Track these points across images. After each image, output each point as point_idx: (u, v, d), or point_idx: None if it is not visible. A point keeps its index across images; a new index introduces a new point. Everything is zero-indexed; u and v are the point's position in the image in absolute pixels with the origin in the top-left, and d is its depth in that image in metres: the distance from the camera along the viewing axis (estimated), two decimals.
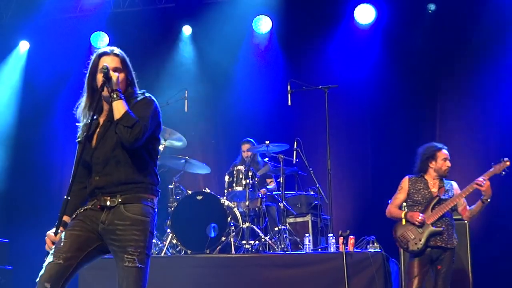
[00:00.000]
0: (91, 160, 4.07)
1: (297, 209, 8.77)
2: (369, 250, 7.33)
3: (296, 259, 7.39)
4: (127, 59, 4.24)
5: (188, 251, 7.93)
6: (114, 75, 4.03)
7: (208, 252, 7.82)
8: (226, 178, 8.53)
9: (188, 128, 9.95)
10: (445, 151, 6.91)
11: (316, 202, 8.76)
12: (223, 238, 7.91)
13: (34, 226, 10.04)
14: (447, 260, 6.67)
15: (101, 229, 3.99)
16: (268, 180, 9.37)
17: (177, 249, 8.21)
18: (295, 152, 8.67)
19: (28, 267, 9.74)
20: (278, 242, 7.92)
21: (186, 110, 9.26)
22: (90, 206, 4.06)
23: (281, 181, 8.45)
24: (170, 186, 8.78)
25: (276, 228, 8.20)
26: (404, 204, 6.94)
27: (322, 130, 8.54)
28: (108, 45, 11.29)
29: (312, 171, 8.74)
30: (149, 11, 11.13)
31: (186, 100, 9.24)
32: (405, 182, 6.91)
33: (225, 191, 8.49)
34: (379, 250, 7.24)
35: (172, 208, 8.25)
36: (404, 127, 9.92)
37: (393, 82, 10.25)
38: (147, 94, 4.22)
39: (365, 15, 10.45)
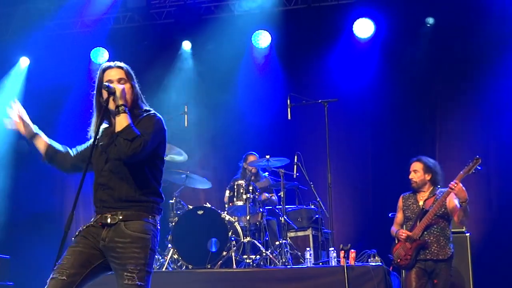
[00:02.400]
0: (96, 171, 4.10)
1: (298, 223, 8.78)
2: (370, 263, 7.34)
3: (297, 273, 7.38)
4: (132, 72, 4.25)
5: (189, 266, 7.92)
6: (118, 89, 4.03)
7: (209, 267, 7.81)
8: (227, 192, 8.55)
9: (188, 143, 9.97)
10: (412, 164, 7.05)
11: (317, 216, 8.77)
12: (224, 253, 7.90)
13: (35, 242, 10.08)
14: (443, 274, 6.72)
15: (102, 246, 3.98)
16: (269, 195, 9.37)
17: (178, 264, 8.20)
18: (295, 166, 8.69)
19: (29, 283, 9.78)
20: (279, 256, 7.92)
21: (186, 125, 9.28)
22: (92, 223, 4.06)
23: (282, 195, 8.46)
24: (171, 201, 8.78)
25: (277, 242, 8.20)
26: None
27: (322, 144, 8.56)
28: (108, 61, 11.32)
29: (312, 185, 8.75)
30: (149, 26, 11.17)
31: (186, 115, 9.25)
32: (400, 201, 7.18)
33: (226, 205, 8.50)
34: (380, 264, 7.25)
35: (173, 223, 8.26)
36: (404, 140, 9.94)
37: (392, 95, 10.28)
38: (152, 111, 4.21)
39: (364, 29, 10.48)
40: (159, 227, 4.13)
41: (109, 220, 3.99)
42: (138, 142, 3.90)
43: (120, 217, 3.97)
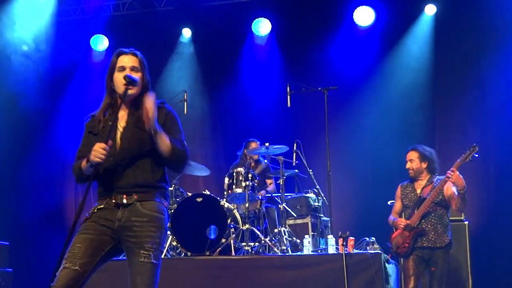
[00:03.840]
0: (112, 160, 4.11)
1: (297, 211, 8.78)
2: (369, 251, 7.35)
3: (296, 260, 7.40)
4: (145, 61, 4.33)
5: (188, 253, 7.93)
6: (151, 108, 4.01)
7: (208, 254, 7.82)
8: (226, 180, 8.53)
9: (188, 130, 9.93)
10: (408, 153, 7.07)
11: (316, 203, 8.77)
12: (223, 240, 7.90)
13: (35, 228, 10.09)
14: (440, 261, 6.75)
15: (117, 226, 4.03)
16: (268, 182, 9.38)
17: (177, 251, 8.21)
18: (294, 154, 8.69)
19: (28, 269, 9.80)
20: (278, 244, 7.93)
21: (185, 112, 9.26)
22: (103, 206, 4.11)
23: (281, 183, 8.46)
24: (169, 189, 8.76)
25: (276, 230, 8.20)
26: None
27: (322, 132, 8.55)
28: (108, 48, 11.32)
29: (312, 173, 8.76)
30: (149, 14, 11.16)
31: (185, 102, 9.24)
32: (398, 190, 7.24)
33: (225, 193, 8.49)
34: (379, 251, 7.26)
35: (172, 210, 8.25)
36: (404, 128, 9.94)
37: (392, 83, 10.29)
38: (167, 106, 4.33)
39: (364, 17, 10.47)
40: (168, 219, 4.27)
41: (125, 201, 4.06)
42: (184, 157, 4.20)
43: (135, 198, 4.05)
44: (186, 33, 11.29)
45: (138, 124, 4.12)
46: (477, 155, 6.64)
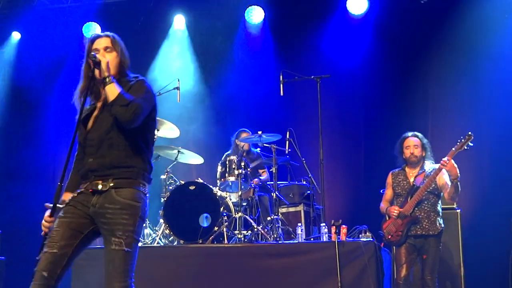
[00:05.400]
0: (85, 142, 4.12)
1: (289, 199, 8.80)
2: (361, 239, 7.35)
3: (288, 248, 7.40)
4: (120, 40, 4.30)
5: (181, 241, 7.95)
6: (103, 60, 4.09)
7: (200, 242, 7.83)
8: (219, 168, 8.53)
9: (181, 118, 9.97)
10: (410, 139, 7.13)
11: (309, 192, 8.78)
12: (216, 228, 7.92)
13: (26, 216, 10.06)
14: (432, 249, 6.80)
15: (92, 212, 4.01)
16: (261, 171, 9.38)
17: (170, 239, 8.23)
18: (287, 142, 8.69)
19: (21, 257, 9.77)
20: (271, 232, 7.94)
21: (178, 100, 9.24)
22: (82, 190, 4.09)
23: (274, 171, 8.46)
24: (162, 177, 8.77)
25: (268, 218, 8.21)
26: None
27: (315, 120, 8.54)
28: None
29: (304, 161, 8.76)
30: (141, 1, 11.10)
31: (178, 90, 9.21)
32: (389, 178, 7.25)
33: (218, 181, 8.49)
34: (371, 239, 7.27)
35: (165, 198, 8.25)
36: (397, 116, 9.95)
37: (385, 72, 10.29)
38: (140, 77, 4.27)
39: (357, 5, 10.46)
40: (148, 195, 4.17)
41: (100, 187, 4.02)
42: (135, 106, 3.97)
43: (111, 184, 4.01)
44: (179, 20, 11.25)
45: (118, 103, 4.00)
46: (472, 144, 6.65)
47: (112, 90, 4.03)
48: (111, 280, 3.91)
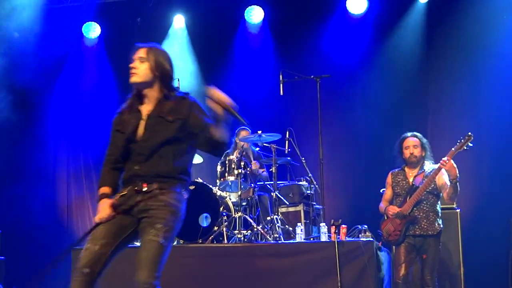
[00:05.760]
0: (135, 150, 4.33)
1: (289, 199, 8.79)
2: (361, 239, 7.36)
3: (288, 248, 7.40)
4: (158, 51, 4.50)
5: (181, 240, 7.95)
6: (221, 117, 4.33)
7: (200, 241, 7.83)
8: (219, 168, 8.52)
9: None
10: (409, 139, 7.13)
11: (309, 191, 8.78)
12: (216, 228, 7.91)
13: (26, 216, 10.07)
14: (432, 249, 6.80)
15: (136, 211, 4.21)
16: (260, 170, 9.37)
17: None
18: (287, 141, 8.69)
19: (20, 258, 9.78)
20: (271, 232, 7.94)
21: None
22: (125, 192, 4.26)
23: (273, 171, 8.46)
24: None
25: (268, 218, 8.21)
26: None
27: (314, 120, 8.54)
28: (100, 35, 11.27)
29: (304, 161, 8.76)
30: (141, 0, 11.09)
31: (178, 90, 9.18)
32: (388, 178, 7.25)
33: (218, 181, 8.48)
34: (371, 239, 7.27)
35: None
36: (397, 116, 9.96)
37: (385, 71, 10.31)
38: (190, 97, 4.50)
39: (357, 5, 10.46)
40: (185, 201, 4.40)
41: (145, 188, 4.22)
42: (227, 139, 4.38)
43: (155, 186, 4.22)
44: (179, 20, 11.24)
45: (162, 114, 4.30)
46: (471, 144, 6.65)
47: (223, 131, 4.31)
48: (141, 267, 4.02)
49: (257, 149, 9.17)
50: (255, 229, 7.95)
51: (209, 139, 4.30)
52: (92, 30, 11.26)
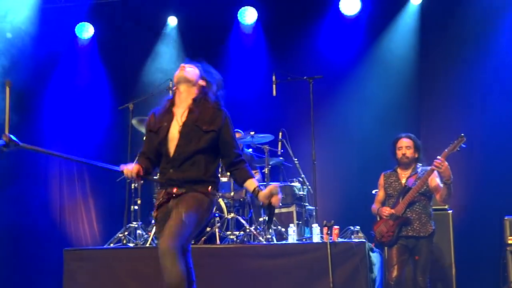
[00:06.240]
0: (169, 154, 4.72)
1: (282, 200, 8.70)
2: (354, 240, 7.36)
3: (280, 249, 7.40)
4: (204, 68, 5.14)
5: None
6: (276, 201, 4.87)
7: (193, 242, 7.81)
8: None
9: None
10: (402, 140, 7.13)
11: (301, 192, 8.78)
12: (208, 229, 7.90)
13: (20, 218, 10.05)
14: (424, 250, 6.82)
15: (170, 208, 4.66)
16: (253, 172, 9.35)
17: None
18: (280, 143, 8.70)
19: (15, 259, 9.77)
20: (263, 233, 7.94)
21: None
22: (161, 199, 4.73)
23: (266, 172, 8.46)
24: (155, 177, 8.74)
25: (261, 219, 8.20)
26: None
27: (307, 121, 8.55)
28: (93, 36, 11.24)
29: (297, 162, 8.77)
30: (134, 1, 11.07)
31: (171, 91, 9.20)
32: (381, 179, 7.25)
33: None
34: (363, 240, 7.27)
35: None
36: (390, 117, 9.98)
37: (378, 73, 10.33)
38: (224, 110, 4.97)
39: (350, 6, 10.47)
40: (214, 201, 4.92)
41: (175, 191, 4.67)
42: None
43: (184, 190, 4.66)
44: (172, 21, 11.23)
45: (197, 123, 4.70)
46: (464, 146, 6.66)
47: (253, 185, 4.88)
48: (164, 235, 4.51)
49: (250, 150, 9.16)
50: (248, 230, 7.94)
51: (241, 182, 4.87)
52: (85, 31, 11.23)
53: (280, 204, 4.99)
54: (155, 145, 4.79)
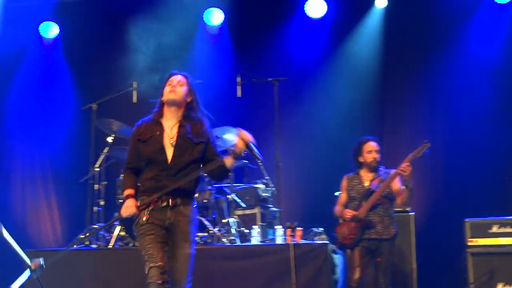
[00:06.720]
0: (163, 164, 5.01)
1: (246, 201, 8.77)
2: (316, 241, 7.41)
3: (244, 251, 7.43)
4: (193, 82, 5.38)
5: (136, 243, 7.88)
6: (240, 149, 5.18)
7: None
8: None
9: (137, 119, 9.84)
10: (371, 143, 7.12)
11: (265, 194, 8.79)
12: None
13: None
14: (385, 252, 6.84)
15: (167, 224, 5.01)
16: None
17: (125, 242, 8.16)
18: None
19: None
20: (227, 234, 7.94)
21: (135, 101, 9.20)
22: (153, 207, 5.00)
23: (230, 174, 8.45)
24: (118, 178, 8.71)
25: (224, 220, 8.20)
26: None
27: (272, 123, 8.57)
28: (58, 35, 11.11)
29: (261, 164, 8.78)
30: (99, 1, 10.98)
31: (135, 91, 9.17)
32: (343, 181, 7.23)
33: None
34: (326, 242, 7.32)
35: (121, 200, 8.17)
36: (354, 120, 10.03)
37: (342, 75, 10.38)
38: (207, 122, 5.39)
39: (316, 8, 10.50)
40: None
41: (170, 203, 5.00)
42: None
43: (178, 201, 5.02)
44: (137, 20, 11.07)
45: (189, 135, 5.08)
46: (428, 152, 6.72)
47: (232, 162, 5.17)
48: (182, 278, 5.01)
49: None
50: (211, 232, 7.94)
51: (222, 167, 5.11)
52: (50, 30, 11.10)
53: (254, 142, 5.29)
54: (144, 154, 5.07)
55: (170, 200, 5.00)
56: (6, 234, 4.71)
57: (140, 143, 5.12)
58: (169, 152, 5.04)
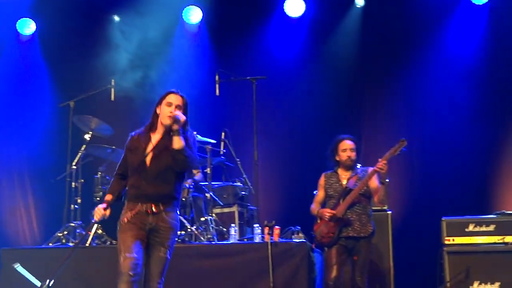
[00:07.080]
0: (145, 169, 5.24)
1: (224, 200, 8.78)
2: (294, 240, 7.42)
3: (221, 249, 7.43)
4: (187, 102, 5.47)
5: (114, 241, 7.86)
6: (182, 117, 5.25)
7: None
8: None
9: (115, 117, 9.83)
10: (346, 142, 7.12)
11: (243, 193, 8.80)
12: None
13: None
14: (363, 250, 6.86)
15: (148, 229, 5.25)
16: (195, 171, 9.34)
17: (103, 240, 8.13)
18: (222, 143, 8.70)
19: None
20: (204, 232, 7.94)
21: (112, 98, 9.17)
22: (137, 211, 5.25)
23: (208, 172, 8.46)
24: (96, 176, 8.68)
25: (202, 219, 8.20)
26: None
27: (250, 121, 8.57)
28: (35, 32, 11.04)
29: (239, 162, 8.78)
30: None
31: (113, 89, 9.14)
32: (321, 179, 7.21)
33: None
34: (304, 240, 7.34)
35: (98, 198, 8.16)
36: (332, 118, 10.06)
37: (321, 74, 10.41)
38: (191, 132, 5.52)
39: (294, 7, 10.53)
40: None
41: (154, 209, 5.23)
42: (191, 159, 5.28)
43: (161, 208, 5.25)
44: (116, 19, 11.10)
45: (169, 146, 5.20)
46: (405, 149, 6.75)
47: (179, 142, 5.19)
48: (154, 278, 5.25)
49: None
50: (189, 230, 7.93)
51: (172, 151, 5.19)
52: (27, 27, 11.02)
53: (177, 113, 5.25)
54: (132, 163, 5.32)
55: (153, 207, 5.22)
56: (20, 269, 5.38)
57: (128, 152, 5.40)
58: (148, 159, 5.27)
